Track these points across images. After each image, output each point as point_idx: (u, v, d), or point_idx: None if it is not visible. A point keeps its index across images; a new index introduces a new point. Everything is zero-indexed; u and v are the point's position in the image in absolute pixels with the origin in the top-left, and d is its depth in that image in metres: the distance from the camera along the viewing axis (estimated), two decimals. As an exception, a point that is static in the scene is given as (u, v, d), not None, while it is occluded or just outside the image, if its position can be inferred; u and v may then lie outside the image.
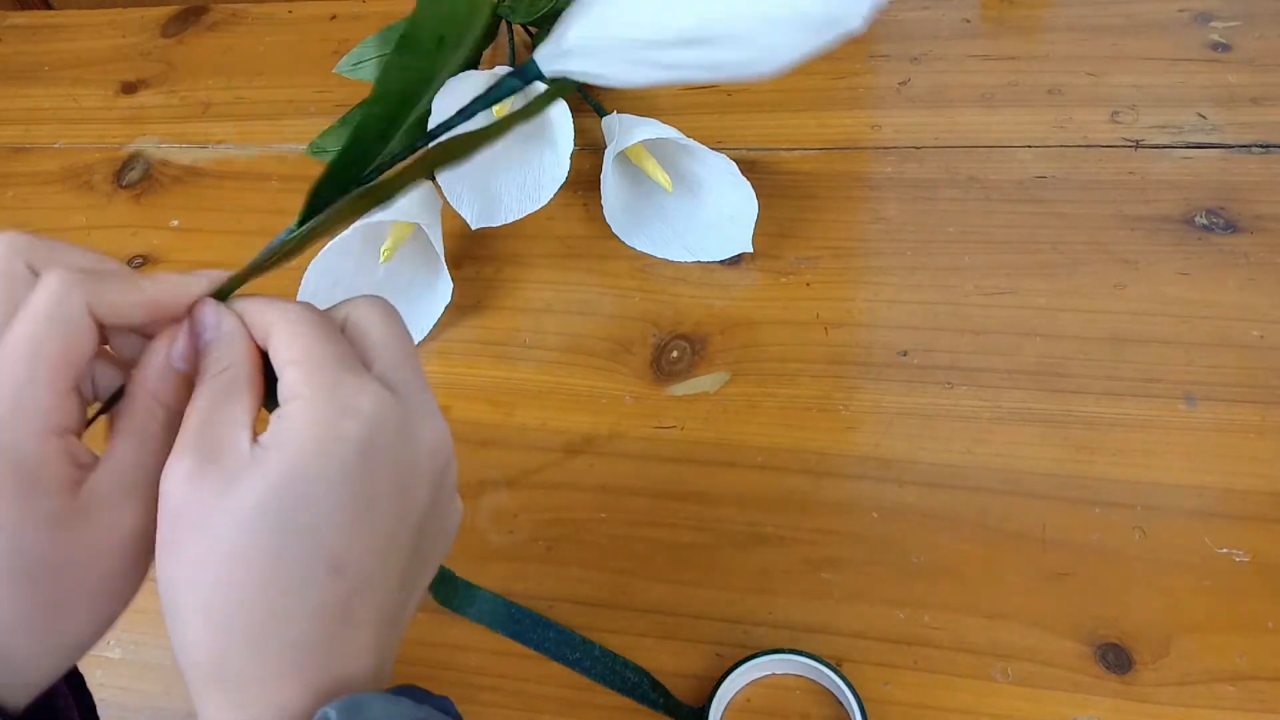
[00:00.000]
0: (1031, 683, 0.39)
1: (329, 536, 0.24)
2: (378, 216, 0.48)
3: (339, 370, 0.25)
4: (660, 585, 0.43)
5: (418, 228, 0.51)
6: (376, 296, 0.28)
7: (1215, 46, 0.58)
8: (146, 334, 0.27)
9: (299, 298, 0.48)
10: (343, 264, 0.50)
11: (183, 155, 0.65)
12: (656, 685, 0.39)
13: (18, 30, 0.77)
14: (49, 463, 0.24)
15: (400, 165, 0.27)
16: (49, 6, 0.82)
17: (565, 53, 0.25)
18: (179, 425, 0.26)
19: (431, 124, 0.51)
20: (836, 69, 0.61)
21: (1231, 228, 0.50)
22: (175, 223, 0.62)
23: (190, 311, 0.27)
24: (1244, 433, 0.44)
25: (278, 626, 0.24)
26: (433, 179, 0.54)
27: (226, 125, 0.67)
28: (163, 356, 0.26)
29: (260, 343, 0.27)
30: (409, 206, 0.50)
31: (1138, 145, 0.54)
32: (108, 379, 0.28)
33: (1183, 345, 0.47)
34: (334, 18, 0.72)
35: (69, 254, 0.26)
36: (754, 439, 0.47)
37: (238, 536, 0.24)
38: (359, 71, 0.57)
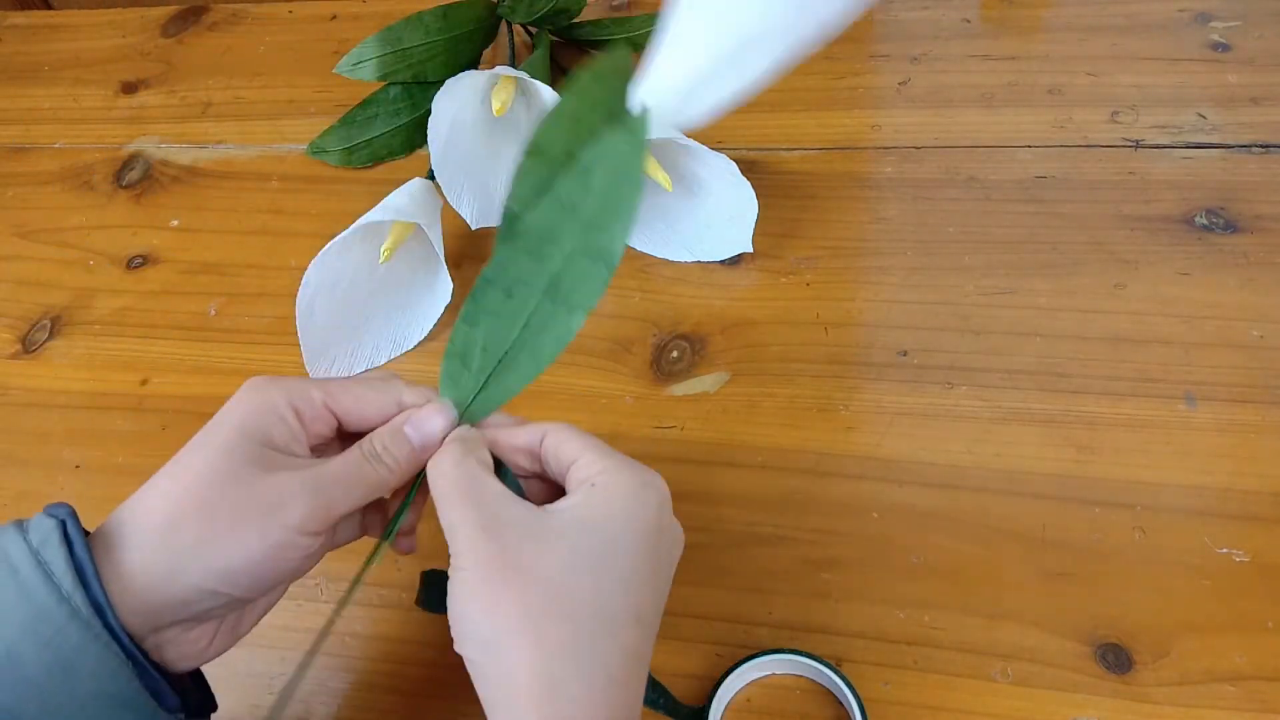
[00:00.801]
0: (1031, 683, 0.39)
1: (635, 588, 0.29)
2: (377, 216, 0.48)
3: (622, 457, 0.32)
4: (660, 585, 0.43)
5: (418, 228, 0.50)
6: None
7: (1215, 46, 0.58)
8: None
9: (299, 297, 0.48)
10: (343, 264, 0.50)
11: (183, 155, 0.65)
12: (656, 685, 0.39)
13: (18, 30, 0.77)
14: (280, 424, 0.31)
15: None
16: (49, 6, 0.82)
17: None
18: (385, 478, 0.32)
19: (431, 124, 0.51)
20: (836, 69, 0.60)
21: (1231, 228, 0.50)
22: (175, 223, 0.62)
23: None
24: (1244, 433, 0.44)
25: (601, 660, 0.28)
26: (432, 178, 0.54)
27: (226, 125, 0.67)
28: (410, 428, 0.33)
29: (528, 447, 0.33)
30: (409, 206, 0.50)
31: (1138, 145, 0.54)
32: None
33: (1183, 345, 0.47)
34: (334, 18, 0.72)
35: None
36: (754, 439, 0.47)
37: (564, 578, 0.28)
38: (359, 71, 0.57)
